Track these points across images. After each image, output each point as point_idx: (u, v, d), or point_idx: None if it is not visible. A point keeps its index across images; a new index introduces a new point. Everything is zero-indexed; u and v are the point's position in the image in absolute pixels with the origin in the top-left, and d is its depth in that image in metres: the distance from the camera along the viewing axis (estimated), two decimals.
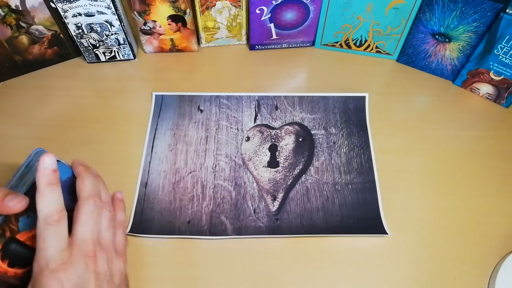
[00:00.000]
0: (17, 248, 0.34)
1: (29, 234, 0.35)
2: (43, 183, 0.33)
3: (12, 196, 0.33)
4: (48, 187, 0.33)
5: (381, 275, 0.47)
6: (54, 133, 0.58)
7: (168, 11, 0.61)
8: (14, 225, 0.35)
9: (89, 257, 0.34)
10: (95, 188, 0.38)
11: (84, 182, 0.37)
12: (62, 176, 0.36)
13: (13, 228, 0.35)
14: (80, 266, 0.33)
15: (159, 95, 0.61)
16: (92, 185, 0.38)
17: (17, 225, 0.35)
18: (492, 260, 0.48)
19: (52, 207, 0.32)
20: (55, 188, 0.33)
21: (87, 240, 0.34)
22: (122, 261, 0.39)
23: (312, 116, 0.59)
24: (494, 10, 0.52)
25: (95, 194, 0.37)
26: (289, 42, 0.68)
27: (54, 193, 0.33)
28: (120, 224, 0.42)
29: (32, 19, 0.58)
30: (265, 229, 0.50)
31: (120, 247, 0.40)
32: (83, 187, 0.37)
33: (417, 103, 0.62)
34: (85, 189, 0.37)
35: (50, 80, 0.64)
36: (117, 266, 0.38)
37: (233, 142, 0.57)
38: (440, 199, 0.52)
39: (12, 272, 0.34)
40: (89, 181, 0.38)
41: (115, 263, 0.38)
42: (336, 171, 0.54)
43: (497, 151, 0.57)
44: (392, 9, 0.59)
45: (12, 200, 0.33)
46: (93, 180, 0.39)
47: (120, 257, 0.39)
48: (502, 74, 0.58)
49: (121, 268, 0.39)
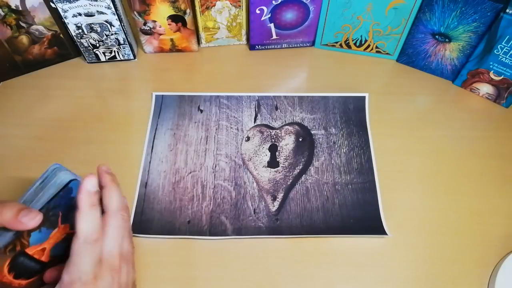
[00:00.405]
0: (25, 261, 0.35)
1: (39, 248, 0.35)
2: (85, 204, 0.34)
3: (26, 212, 0.33)
4: (90, 209, 0.34)
5: (381, 275, 0.47)
6: (54, 133, 0.58)
7: (168, 11, 0.61)
8: (26, 239, 0.35)
9: (116, 271, 0.35)
10: (122, 200, 0.38)
11: (112, 195, 0.38)
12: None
13: (24, 243, 0.35)
14: (108, 280, 0.34)
15: (159, 95, 0.61)
16: (119, 197, 0.38)
17: (28, 240, 0.35)
18: (492, 260, 0.48)
19: (92, 228, 0.34)
20: (95, 209, 0.34)
21: (115, 255, 0.36)
22: (133, 269, 0.40)
23: (312, 116, 0.59)
24: (494, 10, 0.52)
25: (122, 207, 0.38)
26: (289, 42, 0.68)
27: (94, 214, 0.34)
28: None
29: (32, 19, 0.58)
30: (265, 229, 0.49)
31: (129, 255, 0.41)
32: (111, 200, 0.37)
33: (417, 103, 0.62)
34: (113, 202, 0.37)
35: (50, 80, 0.64)
36: (132, 276, 0.39)
37: (233, 142, 0.57)
38: (440, 199, 0.52)
39: (17, 283, 0.35)
40: (116, 193, 0.38)
41: (131, 273, 0.39)
42: (336, 171, 0.54)
43: (497, 151, 0.57)
44: (392, 9, 0.59)
45: (26, 215, 0.33)
46: (119, 191, 0.39)
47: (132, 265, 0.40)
48: (502, 74, 0.58)
49: (134, 277, 0.40)
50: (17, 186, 0.52)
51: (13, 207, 0.34)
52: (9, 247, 0.34)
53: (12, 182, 0.53)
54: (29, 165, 0.55)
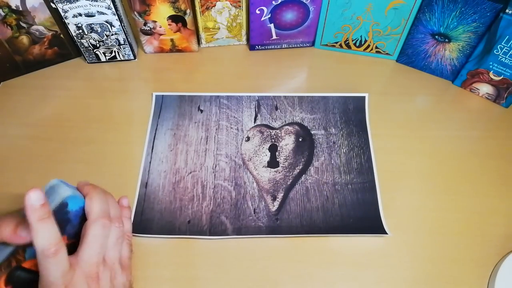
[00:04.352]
0: (22, 274, 0.35)
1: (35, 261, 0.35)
2: (34, 220, 0.32)
3: (24, 226, 0.33)
4: (39, 223, 0.32)
5: (381, 275, 0.47)
6: (54, 133, 0.58)
7: (168, 11, 0.61)
8: (21, 255, 0.35)
9: (92, 278, 0.35)
10: (103, 207, 0.38)
11: (92, 202, 0.37)
12: (74, 206, 0.37)
13: (19, 259, 0.35)
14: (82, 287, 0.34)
15: (159, 95, 0.62)
16: (101, 204, 0.38)
17: (24, 256, 0.35)
18: (492, 260, 0.48)
19: (48, 241, 0.32)
20: (46, 222, 0.33)
21: (92, 263, 0.35)
22: (126, 275, 0.40)
23: (312, 116, 0.59)
24: (493, 10, 0.52)
25: (103, 215, 0.37)
26: (289, 42, 0.68)
27: (46, 227, 0.33)
28: (126, 235, 0.42)
29: (32, 19, 0.58)
30: (265, 229, 0.50)
31: (125, 261, 0.41)
32: (92, 208, 0.37)
33: (417, 103, 0.62)
34: (94, 210, 0.37)
35: (50, 80, 0.64)
36: (120, 281, 0.39)
37: (233, 142, 0.57)
38: (440, 199, 0.52)
39: None
40: (97, 200, 0.37)
41: (118, 279, 0.38)
42: (336, 171, 0.54)
43: (497, 151, 0.57)
44: (392, 9, 0.59)
45: (24, 230, 0.33)
46: (101, 198, 0.38)
47: (125, 270, 0.40)
48: (502, 74, 0.58)
49: (124, 282, 0.39)
50: (17, 186, 0.52)
51: (10, 222, 0.34)
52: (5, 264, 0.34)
53: (12, 182, 0.53)
54: (29, 165, 0.55)
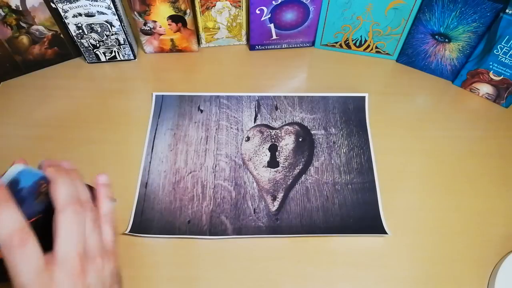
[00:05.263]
0: None
1: None
2: None
3: None
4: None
5: (381, 275, 0.47)
6: (54, 133, 0.58)
7: (168, 11, 0.61)
8: None
9: (77, 275, 0.30)
10: (71, 191, 0.32)
11: (57, 188, 0.31)
12: (27, 182, 0.32)
13: None
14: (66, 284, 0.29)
15: (159, 95, 0.62)
16: (67, 188, 0.32)
17: None
18: (492, 260, 0.48)
19: (9, 229, 0.27)
20: (7, 206, 0.28)
21: (71, 257, 0.30)
22: (112, 261, 0.35)
23: (312, 116, 0.59)
24: (493, 10, 0.52)
25: (72, 200, 0.31)
26: (289, 42, 0.68)
27: (6, 212, 0.27)
28: (105, 217, 0.36)
29: (32, 19, 0.58)
30: (265, 229, 0.50)
31: (108, 245, 0.35)
32: (57, 194, 0.31)
33: (417, 103, 0.62)
34: (60, 196, 0.31)
35: (50, 80, 0.64)
36: (108, 270, 0.34)
37: (233, 142, 0.57)
38: (439, 199, 0.52)
39: None
40: (62, 185, 0.32)
41: (105, 268, 0.33)
42: (336, 171, 0.54)
43: (497, 151, 0.57)
44: (392, 9, 0.59)
45: None
46: (67, 181, 0.32)
47: (110, 256, 0.35)
48: (502, 74, 0.58)
49: (112, 269, 0.34)
50: None
51: None
52: None
53: None
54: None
